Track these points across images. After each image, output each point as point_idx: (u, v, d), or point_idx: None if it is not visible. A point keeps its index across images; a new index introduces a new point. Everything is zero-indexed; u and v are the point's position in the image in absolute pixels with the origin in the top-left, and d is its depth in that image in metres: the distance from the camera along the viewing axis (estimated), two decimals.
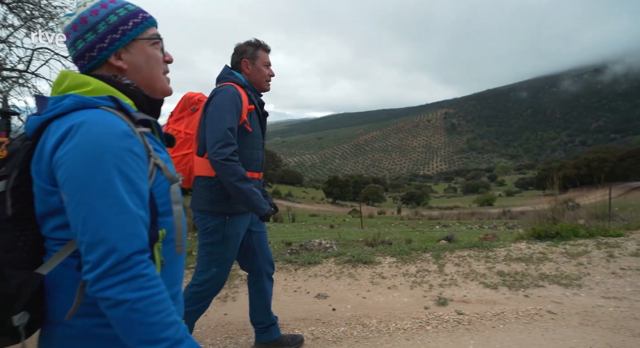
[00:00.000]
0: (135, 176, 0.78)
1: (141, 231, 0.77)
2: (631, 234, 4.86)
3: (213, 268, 2.01)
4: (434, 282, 3.56)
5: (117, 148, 0.76)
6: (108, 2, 0.91)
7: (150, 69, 0.95)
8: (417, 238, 8.95)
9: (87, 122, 0.76)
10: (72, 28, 0.89)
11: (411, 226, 14.69)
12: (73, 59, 0.92)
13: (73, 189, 0.74)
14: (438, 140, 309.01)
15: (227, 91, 1.89)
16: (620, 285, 3.34)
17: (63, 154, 0.75)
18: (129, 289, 0.72)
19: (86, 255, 0.73)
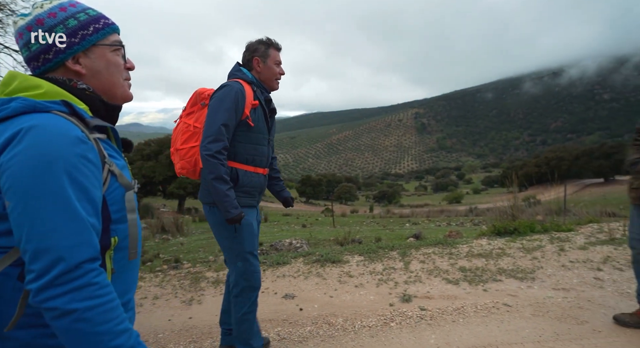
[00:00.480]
0: (87, 183, 0.76)
1: (92, 238, 0.75)
2: (580, 229, 5.21)
3: (238, 263, 2.02)
4: (400, 279, 3.66)
5: (69, 153, 0.74)
6: (68, 5, 0.89)
7: (110, 75, 0.94)
8: (386, 236, 9.15)
9: (37, 126, 0.73)
10: (27, 28, 0.86)
11: (382, 225, 14.98)
12: (25, 60, 0.89)
13: (18, 195, 0.71)
14: (409, 139, 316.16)
15: (230, 87, 1.93)
16: (569, 277, 3.58)
17: (8, 159, 0.72)
18: (77, 298, 0.70)
19: (30, 264, 0.70)
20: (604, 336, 2.52)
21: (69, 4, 0.90)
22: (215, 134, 1.85)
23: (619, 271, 3.64)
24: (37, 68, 0.88)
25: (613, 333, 2.54)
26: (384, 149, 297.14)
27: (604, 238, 4.67)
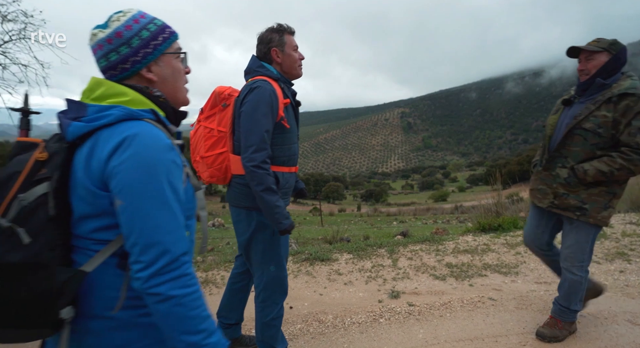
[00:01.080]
0: (178, 185, 0.88)
1: (184, 234, 0.87)
2: None
3: (271, 267, 1.94)
4: (388, 276, 3.72)
5: (165, 159, 0.85)
6: (139, 17, 0.98)
7: (175, 81, 1.03)
8: (374, 234, 9.24)
9: (139, 135, 0.84)
10: (107, 41, 0.94)
11: (370, 223, 15.13)
12: (103, 69, 0.96)
13: (130, 197, 0.81)
14: (395, 139, 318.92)
15: (263, 89, 1.78)
16: (548, 270, 3.70)
17: (119, 164, 0.81)
18: (176, 286, 0.82)
19: (140, 256, 0.81)
20: (583, 326, 2.62)
21: (139, 16, 0.98)
22: (257, 143, 1.73)
23: (596, 264, 3.79)
24: (114, 76, 0.96)
25: (591, 324, 2.66)
26: (371, 149, 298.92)
27: None
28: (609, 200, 2.13)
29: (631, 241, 4.36)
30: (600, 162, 2.06)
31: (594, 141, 2.08)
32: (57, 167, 0.85)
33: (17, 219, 0.80)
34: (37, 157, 0.86)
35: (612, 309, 2.85)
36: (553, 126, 2.33)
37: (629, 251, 4.06)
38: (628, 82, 2.04)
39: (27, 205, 0.81)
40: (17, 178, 0.83)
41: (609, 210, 2.15)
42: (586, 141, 2.10)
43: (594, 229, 2.21)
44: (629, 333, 2.52)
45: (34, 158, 0.86)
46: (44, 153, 0.87)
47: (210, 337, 0.86)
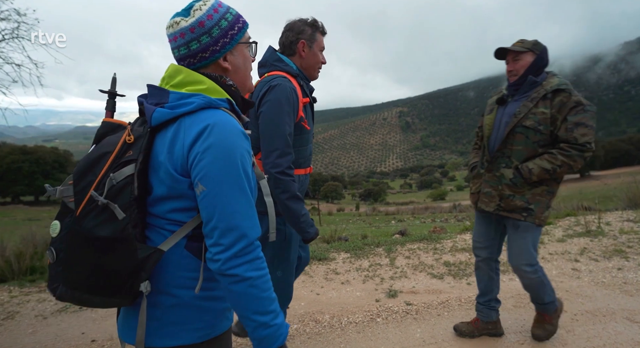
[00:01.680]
0: (251, 173, 0.93)
1: (257, 220, 0.92)
2: (559, 222, 5.37)
3: (277, 272, 1.89)
4: (385, 275, 3.70)
5: (242, 148, 0.90)
6: (217, 6, 1.00)
7: (245, 69, 1.07)
8: (372, 233, 9.21)
9: (219, 123, 0.88)
10: (190, 30, 0.96)
11: (368, 222, 15.10)
12: (182, 57, 0.99)
13: (212, 183, 0.85)
14: (394, 138, 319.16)
15: (284, 88, 1.66)
16: (548, 268, 3.69)
17: (202, 151, 0.85)
18: (251, 268, 0.87)
19: (220, 238, 0.86)
20: (582, 324, 2.61)
21: (217, 5, 1.00)
22: (282, 147, 1.63)
23: (594, 262, 3.77)
24: (192, 64, 0.99)
25: (589, 321, 2.64)
26: (369, 148, 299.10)
27: (580, 230, 4.83)
28: (549, 200, 2.12)
29: (629, 239, 4.35)
30: (542, 160, 2.04)
31: (535, 139, 2.07)
32: (141, 150, 0.89)
33: (108, 196, 0.85)
34: (126, 139, 0.91)
35: (610, 307, 2.84)
36: (491, 126, 2.27)
37: (626, 248, 4.05)
38: (556, 79, 2.08)
39: (115, 184, 0.85)
40: (108, 157, 0.89)
41: (549, 210, 2.15)
42: (528, 139, 2.08)
43: (538, 230, 2.18)
44: (627, 330, 2.50)
45: (122, 140, 0.91)
46: (131, 136, 0.91)
47: (277, 318, 0.91)
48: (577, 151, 1.98)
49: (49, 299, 3.33)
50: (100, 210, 0.84)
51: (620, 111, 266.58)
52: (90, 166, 0.90)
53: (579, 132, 1.97)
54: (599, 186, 39.88)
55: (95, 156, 0.91)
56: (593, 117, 1.99)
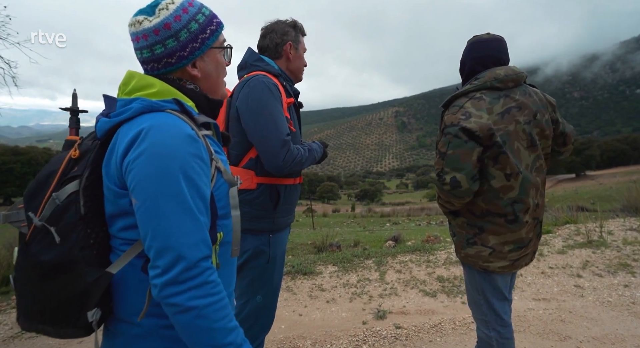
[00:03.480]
0: (200, 181, 0.79)
1: (206, 237, 0.79)
2: (558, 230, 5.13)
3: (257, 297, 1.70)
4: (374, 292, 3.43)
5: (184, 152, 0.77)
6: (187, 5, 0.89)
7: (217, 76, 0.98)
8: (365, 238, 8.96)
9: (155, 127, 0.77)
10: (154, 32, 0.86)
11: (362, 225, 14.84)
12: (144, 60, 0.90)
13: (143, 195, 0.75)
14: (390, 138, 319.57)
15: (262, 81, 1.55)
16: (549, 285, 3.44)
17: (133, 159, 0.76)
18: (197, 296, 0.74)
19: (155, 260, 0.75)
20: None
21: (188, 4, 0.89)
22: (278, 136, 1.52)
23: (598, 277, 3.53)
24: (157, 70, 0.90)
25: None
26: (365, 148, 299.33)
27: (581, 240, 4.59)
28: (474, 235, 1.57)
29: (634, 251, 4.11)
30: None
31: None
32: (87, 164, 0.82)
33: (51, 218, 0.78)
34: (71, 155, 0.85)
35: (619, 332, 2.58)
36: None
37: (632, 261, 3.81)
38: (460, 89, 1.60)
39: (60, 204, 0.79)
40: (54, 176, 0.83)
41: (475, 248, 1.56)
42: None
43: (476, 274, 1.61)
44: None
45: (68, 156, 0.85)
46: (77, 151, 0.85)
47: None
48: (436, 181, 1.53)
49: (4, 322, 3.04)
50: (44, 234, 0.78)
51: (615, 110, 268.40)
52: (39, 187, 0.84)
53: (435, 161, 1.54)
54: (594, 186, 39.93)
55: (43, 176, 0.85)
56: (450, 142, 1.45)
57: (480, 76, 1.55)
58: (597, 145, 62.40)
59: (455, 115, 1.47)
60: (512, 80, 1.53)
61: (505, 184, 1.48)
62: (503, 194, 1.49)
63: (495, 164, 1.47)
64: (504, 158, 1.45)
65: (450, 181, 1.45)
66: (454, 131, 1.44)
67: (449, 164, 1.46)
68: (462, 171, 1.44)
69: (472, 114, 1.44)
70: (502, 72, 1.52)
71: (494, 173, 1.48)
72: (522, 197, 1.51)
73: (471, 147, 1.42)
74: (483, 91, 1.51)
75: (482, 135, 1.42)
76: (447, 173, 1.46)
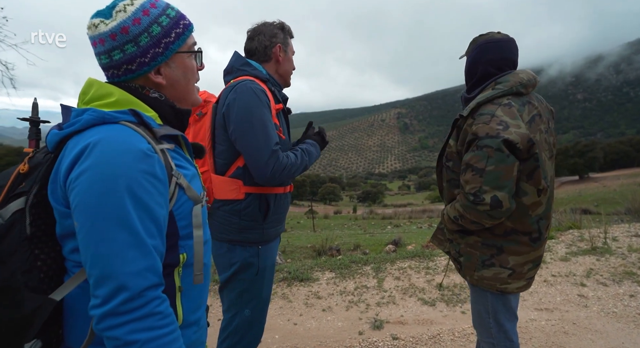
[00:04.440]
0: (151, 201, 0.73)
1: (154, 263, 0.72)
2: (561, 236, 5.02)
3: (245, 311, 1.63)
4: (372, 300, 3.34)
5: (133, 170, 0.71)
6: (149, 6, 0.83)
7: (186, 82, 0.91)
8: (366, 241, 8.87)
9: (103, 141, 0.71)
10: (110, 37, 0.80)
11: (363, 228, 14.74)
12: (104, 66, 0.84)
13: (83, 217, 0.69)
14: (392, 139, 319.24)
15: (249, 86, 1.47)
16: (552, 294, 3.33)
17: (75, 177, 0.70)
18: (139, 329, 0.68)
19: (95, 289, 0.69)
20: None
21: (150, 5, 0.83)
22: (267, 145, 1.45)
23: (603, 286, 3.42)
24: (117, 77, 0.84)
25: None
26: (367, 149, 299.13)
27: (585, 247, 4.48)
28: (491, 256, 1.44)
29: (639, 258, 4.00)
30: (451, 206, 1.49)
31: (447, 177, 1.53)
32: (35, 180, 0.76)
33: None
34: (19, 169, 0.79)
35: (625, 346, 2.48)
36: None
37: (638, 270, 3.70)
38: (482, 94, 1.42)
39: (2, 223, 0.73)
40: (0, 193, 0.76)
41: (492, 270, 1.44)
42: (444, 176, 1.57)
43: (489, 295, 1.50)
44: None
45: (16, 171, 0.79)
46: (26, 166, 0.79)
47: None
48: (467, 200, 1.34)
49: None
50: None
51: (619, 112, 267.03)
52: None
53: (464, 177, 1.35)
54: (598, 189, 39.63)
55: None
56: (490, 157, 1.28)
57: (503, 80, 1.41)
58: (601, 147, 62.08)
59: (490, 125, 1.29)
60: (532, 85, 1.42)
61: (536, 201, 1.36)
62: (532, 211, 1.37)
63: (529, 179, 1.33)
64: (538, 172, 1.33)
65: (491, 201, 1.28)
66: (495, 144, 1.26)
67: (490, 181, 1.28)
68: (504, 190, 1.28)
69: (510, 124, 1.28)
70: (525, 76, 1.41)
71: (527, 189, 1.34)
72: (547, 213, 1.40)
73: (512, 162, 1.27)
74: (509, 97, 1.37)
75: (522, 147, 1.27)
76: (486, 192, 1.29)
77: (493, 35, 1.48)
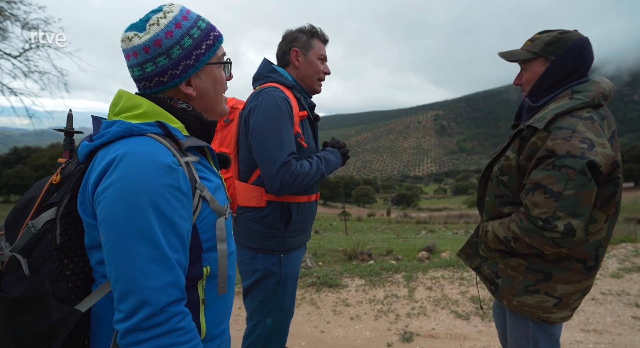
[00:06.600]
0: (175, 215, 0.73)
1: (177, 278, 0.72)
2: (612, 249, 4.62)
3: (268, 319, 1.64)
4: (402, 311, 3.24)
5: (157, 184, 0.71)
6: (181, 19, 0.84)
7: (215, 94, 0.92)
8: (398, 247, 8.69)
9: (128, 154, 0.72)
10: (144, 50, 0.82)
11: (396, 232, 14.46)
12: (136, 78, 0.86)
13: (109, 231, 0.70)
14: (428, 141, 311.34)
15: (271, 94, 1.48)
16: (601, 314, 3.07)
17: (103, 190, 0.71)
18: (161, 345, 0.69)
19: (119, 304, 0.70)
20: None
21: (182, 18, 0.85)
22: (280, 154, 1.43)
23: (634, 307, 3.10)
24: (149, 89, 0.86)
25: None
26: (402, 151, 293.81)
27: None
28: (536, 282, 1.30)
29: None
30: (501, 224, 1.33)
31: (498, 192, 1.37)
32: (67, 191, 0.78)
33: (25, 248, 0.74)
34: (52, 180, 0.81)
35: None
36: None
37: None
38: (557, 104, 1.24)
39: (35, 233, 0.74)
40: (34, 203, 0.79)
41: (536, 297, 1.30)
42: (492, 191, 1.40)
43: (530, 322, 1.35)
44: None
45: (49, 181, 0.81)
46: (58, 176, 0.81)
47: None
48: (532, 224, 1.19)
49: None
50: (17, 265, 0.73)
51: None
52: (19, 214, 0.80)
53: (533, 199, 1.19)
54: None
55: (23, 202, 0.81)
56: (571, 179, 1.12)
57: (583, 89, 1.23)
58: None
59: (571, 142, 1.13)
60: (611, 97, 1.27)
61: (600, 227, 1.22)
62: (591, 237, 1.23)
63: (603, 207, 1.19)
64: (614, 200, 1.18)
65: (564, 229, 1.13)
66: (579, 165, 1.10)
67: (567, 208, 1.13)
68: (580, 218, 1.13)
69: (595, 142, 1.12)
70: (606, 86, 1.24)
71: (597, 217, 1.20)
72: (607, 240, 1.26)
73: (593, 187, 1.13)
74: (589, 109, 1.21)
75: (605, 171, 1.12)
76: (559, 219, 1.13)
77: (577, 33, 1.28)
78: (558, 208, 1.14)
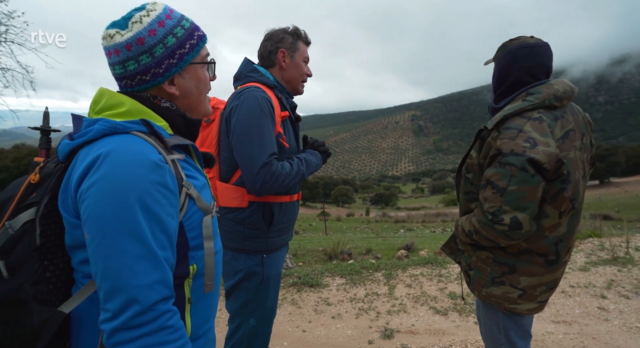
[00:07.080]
0: (162, 213, 0.72)
1: (165, 275, 0.71)
2: (580, 244, 4.86)
3: (251, 320, 1.62)
4: (382, 308, 3.29)
5: (144, 181, 0.70)
6: (165, 18, 0.84)
7: (199, 93, 0.92)
8: (378, 246, 8.79)
9: (114, 152, 0.71)
10: (126, 47, 0.81)
11: (375, 231, 14.63)
12: (118, 76, 0.84)
13: (94, 229, 0.68)
14: (406, 142, 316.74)
15: (253, 94, 1.46)
16: (570, 306, 3.22)
17: (87, 188, 0.70)
18: (150, 344, 0.67)
19: (105, 303, 0.68)
20: None
21: (165, 16, 0.84)
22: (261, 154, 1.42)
23: (625, 299, 3.28)
24: (130, 87, 0.84)
25: None
26: (381, 151, 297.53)
27: (605, 256, 4.32)
28: (501, 274, 1.37)
29: None
30: (467, 219, 1.41)
31: (465, 189, 1.44)
32: (46, 191, 0.76)
33: (2, 250, 0.72)
34: (30, 179, 0.79)
35: None
36: None
37: None
38: (511, 106, 1.32)
39: (13, 234, 0.72)
40: (10, 203, 0.77)
41: (502, 288, 1.36)
42: (462, 188, 1.48)
43: (500, 313, 1.43)
44: None
45: (27, 181, 0.79)
46: (37, 176, 0.79)
47: None
48: (485, 218, 1.27)
49: None
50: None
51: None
52: None
53: (484, 194, 1.27)
54: (619, 194, 38.36)
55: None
56: (513, 176, 1.20)
57: (535, 91, 1.30)
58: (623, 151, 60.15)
59: (516, 141, 1.20)
60: (568, 98, 1.31)
61: (556, 222, 1.28)
62: (549, 232, 1.29)
63: (553, 202, 1.25)
64: (562, 196, 1.24)
65: (510, 222, 1.21)
66: (520, 162, 1.18)
67: (511, 202, 1.21)
68: (525, 211, 1.20)
69: (538, 141, 1.20)
70: (560, 87, 1.30)
71: (549, 212, 1.26)
72: (568, 236, 1.32)
73: (537, 182, 1.19)
74: (540, 110, 1.27)
75: (549, 168, 1.19)
76: (506, 212, 1.21)
77: (526, 39, 1.37)
78: (504, 203, 1.22)
